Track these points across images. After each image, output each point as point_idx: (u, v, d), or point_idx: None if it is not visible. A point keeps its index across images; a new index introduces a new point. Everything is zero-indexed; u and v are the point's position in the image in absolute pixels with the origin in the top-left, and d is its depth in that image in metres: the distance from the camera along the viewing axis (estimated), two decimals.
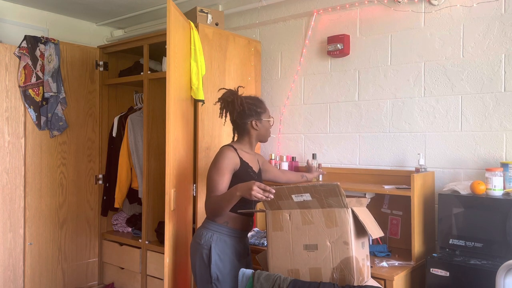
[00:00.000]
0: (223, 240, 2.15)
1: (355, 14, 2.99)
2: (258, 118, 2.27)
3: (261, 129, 2.29)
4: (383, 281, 2.14)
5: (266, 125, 2.31)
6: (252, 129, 2.27)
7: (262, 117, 2.29)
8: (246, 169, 2.22)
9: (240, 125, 2.28)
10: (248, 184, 1.93)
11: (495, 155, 2.44)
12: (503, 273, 1.71)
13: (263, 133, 2.31)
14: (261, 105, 2.31)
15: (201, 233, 2.17)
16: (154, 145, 3.29)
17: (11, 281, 3.20)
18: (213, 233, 2.14)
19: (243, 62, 3.21)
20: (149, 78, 3.27)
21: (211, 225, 2.17)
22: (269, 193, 1.88)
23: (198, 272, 2.16)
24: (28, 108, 3.27)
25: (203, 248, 2.13)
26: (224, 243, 2.15)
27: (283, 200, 1.93)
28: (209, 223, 2.18)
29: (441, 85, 2.63)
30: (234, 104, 2.25)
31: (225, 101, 2.28)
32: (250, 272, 2.09)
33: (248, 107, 2.25)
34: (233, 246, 2.18)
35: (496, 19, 2.44)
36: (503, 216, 2.08)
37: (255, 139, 2.31)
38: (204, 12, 3.01)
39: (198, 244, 2.15)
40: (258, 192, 1.88)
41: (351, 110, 3.01)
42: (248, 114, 2.25)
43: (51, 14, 4.01)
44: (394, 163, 2.81)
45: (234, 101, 2.25)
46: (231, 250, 2.16)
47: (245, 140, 2.30)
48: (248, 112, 2.25)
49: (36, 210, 3.33)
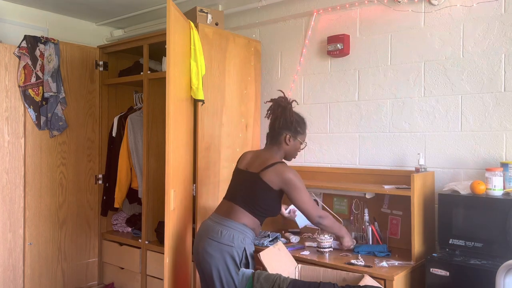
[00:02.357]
0: (250, 243, 2.25)
1: (355, 14, 2.98)
2: (294, 136, 2.33)
3: (291, 147, 2.34)
4: (383, 281, 2.14)
5: (297, 145, 2.36)
6: (283, 142, 2.33)
7: (298, 137, 2.34)
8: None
9: (277, 132, 2.33)
10: (349, 242, 2.46)
11: (495, 155, 2.44)
12: (503, 273, 1.72)
13: (290, 151, 2.36)
14: (303, 126, 2.38)
15: (231, 235, 2.18)
16: (154, 145, 3.29)
17: (11, 281, 3.20)
18: (244, 236, 2.20)
19: (243, 62, 3.21)
20: (149, 78, 3.27)
21: (242, 228, 2.21)
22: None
23: (227, 275, 2.16)
24: (28, 108, 3.27)
25: (234, 250, 2.16)
26: (251, 246, 2.25)
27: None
28: (238, 225, 2.21)
29: (441, 85, 2.63)
30: (284, 111, 2.31)
31: (277, 104, 2.34)
32: (250, 272, 2.09)
33: (291, 120, 2.31)
34: (253, 249, 2.30)
35: (496, 19, 2.44)
36: (503, 216, 2.08)
37: (282, 152, 2.36)
38: (204, 12, 3.01)
39: (229, 246, 2.16)
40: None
41: (351, 110, 3.01)
42: (288, 127, 2.31)
43: (51, 14, 4.01)
44: (394, 163, 2.81)
45: (286, 108, 2.31)
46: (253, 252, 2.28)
47: (278, 151, 2.35)
48: (290, 125, 2.31)
49: (36, 210, 3.33)
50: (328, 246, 2.51)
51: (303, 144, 2.39)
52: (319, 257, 2.45)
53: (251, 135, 3.26)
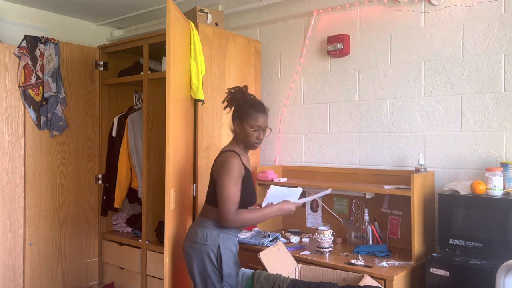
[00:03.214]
0: (228, 238, 2.17)
1: (355, 14, 2.98)
2: (241, 121, 2.19)
3: (241, 133, 2.20)
4: (383, 281, 2.14)
5: (246, 130, 2.18)
6: (235, 131, 2.24)
7: (244, 122, 2.18)
8: (249, 177, 2.22)
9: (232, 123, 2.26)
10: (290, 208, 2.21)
11: (495, 155, 2.43)
12: (503, 273, 1.72)
13: (243, 139, 2.21)
14: (249, 109, 2.19)
15: (205, 233, 2.15)
16: (154, 145, 3.29)
17: (11, 281, 3.20)
18: (218, 233, 2.15)
19: (243, 62, 3.21)
20: (149, 78, 3.27)
21: (211, 224, 2.16)
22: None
23: (204, 273, 2.14)
24: (28, 108, 3.27)
25: (209, 248, 2.12)
26: (229, 241, 2.17)
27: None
28: (208, 222, 2.17)
29: (441, 85, 2.63)
30: (233, 100, 2.25)
31: (229, 94, 2.27)
32: (250, 272, 2.10)
33: (238, 107, 2.22)
34: (234, 245, 2.21)
35: (496, 19, 2.44)
36: (503, 216, 2.08)
37: (236, 141, 2.24)
38: (204, 12, 3.01)
39: (204, 245, 2.13)
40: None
41: (351, 110, 3.00)
42: (234, 114, 2.23)
43: (51, 14, 4.01)
44: (394, 163, 2.81)
45: (234, 97, 2.24)
46: (233, 248, 2.20)
47: (233, 141, 2.26)
48: (235, 112, 2.23)
49: (36, 210, 3.33)
50: (328, 246, 2.52)
51: (249, 128, 2.16)
52: (319, 257, 2.45)
53: None
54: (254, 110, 2.19)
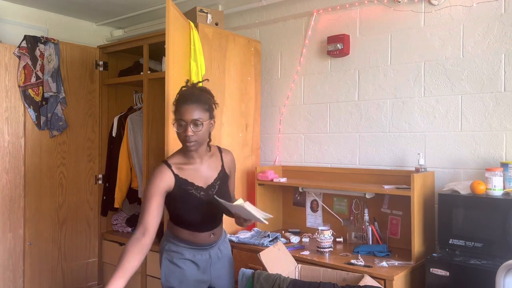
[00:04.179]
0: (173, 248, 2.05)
1: (355, 14, 2.98)
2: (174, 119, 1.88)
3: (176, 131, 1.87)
4: (383, 281, 2.14)
5: (175, 130, 1.87)
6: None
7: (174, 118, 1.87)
8: (184, 187, 1.92)
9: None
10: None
11: (495, 155, 2.44)
12: (503, 273, 1.71)
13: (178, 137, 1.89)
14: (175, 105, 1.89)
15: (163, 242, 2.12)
16: (154, 145, 3.29)
17: (11, 281, 3.20)
18: (167, 242, 2.09)
19: (243, 62, 3.21)
20: (148, 78, 3.27)
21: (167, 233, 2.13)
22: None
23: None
24: (27, 108, 3.27)
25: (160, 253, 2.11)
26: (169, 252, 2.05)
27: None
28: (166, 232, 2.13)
29: (441, 85, 2.63)
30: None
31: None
32: (250, 272, 2.09)
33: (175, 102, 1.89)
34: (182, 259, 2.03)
35: (496, 19, 2.44)
36: (503, 216, 2.08)
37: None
38: (204, 12, 3.01)
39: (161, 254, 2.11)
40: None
41: (351, 110, 3.01)
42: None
43: (51, 14, 4.01)
44: (394, 163, 2.81)
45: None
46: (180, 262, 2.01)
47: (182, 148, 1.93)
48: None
49: (36, 210, 3.33)
50: (328, 246, 2.52)
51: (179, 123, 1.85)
52: (319, 257, 2.45)
53: (251, 135, 3.26)
54: (177, 103, 1.88)
